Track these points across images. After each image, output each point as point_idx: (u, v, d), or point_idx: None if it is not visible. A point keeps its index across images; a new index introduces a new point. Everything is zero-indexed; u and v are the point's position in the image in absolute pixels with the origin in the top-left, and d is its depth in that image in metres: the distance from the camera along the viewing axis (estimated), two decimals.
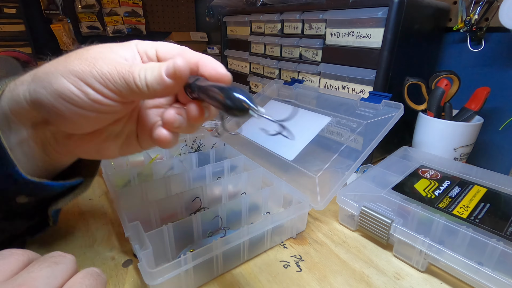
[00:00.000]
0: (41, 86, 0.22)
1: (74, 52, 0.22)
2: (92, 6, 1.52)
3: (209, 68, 0.23)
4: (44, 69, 0.22)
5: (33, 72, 0.23)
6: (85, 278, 0.18)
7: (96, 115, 0.22)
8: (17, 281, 0.16)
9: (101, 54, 0.22)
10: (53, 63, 0.22)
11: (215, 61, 0.24)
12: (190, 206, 0.39)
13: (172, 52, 0.25)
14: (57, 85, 0.21)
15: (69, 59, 0.21)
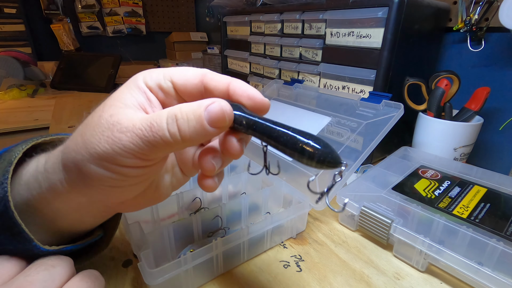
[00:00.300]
0: (76, 177, 0.19)
1: (86, 125, 0.19)
2: (92, 6, 1.52)
3: (244, 96, 0.20)
4: (70, 157, 0.19)
5: (58, 159, 0.20)
6: (82, 281, 0.18)
7: (140, 180, 0.20)
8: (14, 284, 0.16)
9: (114, 120, 0.18)
10: (74, 146, 0.19)
11: (247, 86, 0.20)
12: (190, 206, 0.39)
13: (193, 81, 0.20)
14: (91, 174, 0.18)
15: (87, 139, 0.18)
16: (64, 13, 1.45)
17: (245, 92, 0.19)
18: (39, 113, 0.91)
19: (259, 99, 0.20)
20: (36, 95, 1.12)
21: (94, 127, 0.18)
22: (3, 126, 0.81)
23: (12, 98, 1.06)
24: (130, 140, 0.17)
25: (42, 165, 0.21)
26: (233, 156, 0.20)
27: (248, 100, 0.19)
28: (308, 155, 0.17)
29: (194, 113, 0.17)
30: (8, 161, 0.21)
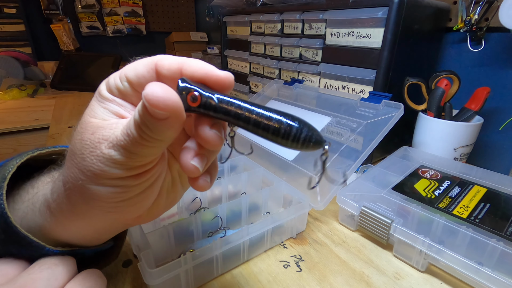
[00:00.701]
0: (85, 206, 0.19)
1: (74, 153, 0.18)
2: (92, 6, 1.52)
3: (199, 73, 0.17)
4: (72, 186, 0.18)
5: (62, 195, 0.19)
6: (85, 280, 0.18)
7: (146, 188, 0.19)
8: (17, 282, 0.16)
9: (97, 137, 0.17)
10: (72, 175, 0.18)
11: (203, 63, 0.18)
12: (190, 206, 0.39)
13: (145, 73, 0.18)
14: (96, 195, 0.18)
15: (80, 163, 0.17)
16: (64, 13, 1.45)
17: (200, 69, 0.17)
18: (39, 113, 0.92)
19: (216, 74, 0.17)
20: (36, 95, 1.12)
21: (82, 151, 0.17)
22: (3, 126, 0.81)
23: (12, 98, 1.06)
24: (118, 153, 0.17)
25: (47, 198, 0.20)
26: (212, 146, 0.18)
27: (205, 77, 0.17)
28: (291, 135, 0.16)
29: (138, 107, 0.16)
30: (2, 177, 0.20)
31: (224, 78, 0.18)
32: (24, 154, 0.22)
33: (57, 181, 0.20)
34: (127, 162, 0.17)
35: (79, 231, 0.20)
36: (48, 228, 0.20)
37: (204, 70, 0.17)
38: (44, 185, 0.21)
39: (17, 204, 0.21)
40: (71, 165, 0.18)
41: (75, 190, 0.18)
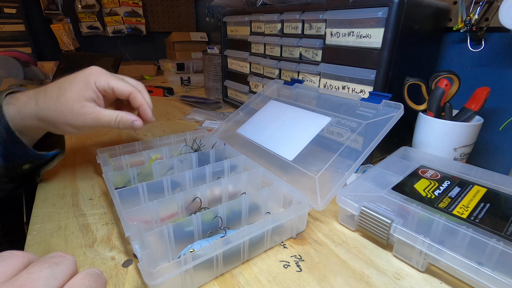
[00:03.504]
0: (51, 126, 0.40)
1: (63, 95, 0.38)
2: (92, 6, 1.52)
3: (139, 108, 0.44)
4: (47, 116, 0.39)
5: (35, 109, 0.39)
6: (85, 279, 0.18)
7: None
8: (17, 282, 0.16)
9: (85, 111, 0.39)
10: (51, 112, 0.38)
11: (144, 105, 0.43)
12: (190, 206, 0.39)
13: (124, 94, 0.42)
14: (66, 129, 0.40)
15: (63, 113, 0.38)
16: (64, 13, 1.45)
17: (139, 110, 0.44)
18: None
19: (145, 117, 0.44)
20: None
21: (72, 112, 0.38)
22: None
23: None
24: (94, 124, 0.40)
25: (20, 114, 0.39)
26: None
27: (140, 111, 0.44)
28: None
29: (129, 122, 0.42)
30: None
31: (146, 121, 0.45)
32: (7, 90, 0.40)
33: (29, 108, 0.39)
34: (94, 127, 0.41)
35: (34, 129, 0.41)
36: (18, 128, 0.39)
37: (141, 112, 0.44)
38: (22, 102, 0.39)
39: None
40: (57, 112, 0.38)
41: (50, 121, 0.39)
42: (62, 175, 0.52)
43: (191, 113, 0.87)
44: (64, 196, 0.46)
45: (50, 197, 0.45)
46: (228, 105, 0.99)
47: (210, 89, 1.10)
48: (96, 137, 0.69)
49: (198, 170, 0.44)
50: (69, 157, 0.59)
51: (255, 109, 0.65)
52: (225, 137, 0.60)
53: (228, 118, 0.66)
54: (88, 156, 0.59)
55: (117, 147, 0.51)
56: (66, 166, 0.55)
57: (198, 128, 0.75)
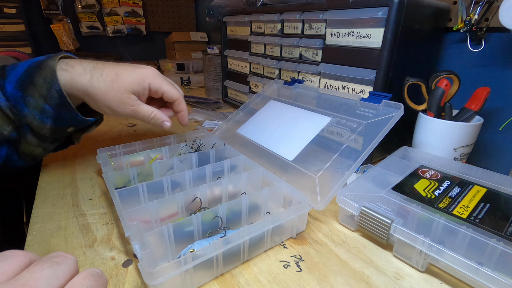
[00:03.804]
0: (93, 102, 0.43)
1: (115, 80, 0.42)
2: (92, 6, 1.52)
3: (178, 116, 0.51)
4: (93, 92, 0.42)
5: (85, 81, 0.41)
6: (86, 279, 0.18)
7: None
8: (19, 281, 0.16)
9: (127, 98, 0.43)
10: (99, 91, 0.42)
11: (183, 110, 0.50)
12: (190, 206, 0.39)
13: (171, 99, 0.48)
14: (105, 110, 0.44)
15: (109, 95, 0.42)
16: (64, 13, 1.45)
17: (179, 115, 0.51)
18: None
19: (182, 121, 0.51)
20: None
21: (118, 99, 0.43)
22: None
23: None
24: (130, 114, 0.45)
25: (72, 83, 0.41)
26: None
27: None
28: None
29: (157, 120, 0.47)
30: (52, 70, 0.39)
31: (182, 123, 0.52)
32: (58, 54, 0.42)
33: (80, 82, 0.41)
34: (131, 117, 0.46)
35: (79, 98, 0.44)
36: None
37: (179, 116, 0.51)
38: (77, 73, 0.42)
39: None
40: (107, 95, 0.42)
41: (95, 99, 0.43)
42: (62, 175, 0.52)
43: (191, 113, 0.87)
44: (64, 196, 0.46)
45: (50, 197, 0.45)
46: (228, 105, 0.99)
47: (210, 89, 1.10)
48: (96, 137, 0.69)
49: (198, 170, 0.44)
50: (69, 157, 0.59)
51: (255, 109, 0.65)
52: (225, 137, 0.60)
53: (228, 118, 0.66)
54: (88, 156, 0.59)
55: (117, 147, 0.51)
56: (66, 166, 0.55)
57: (198, 128, 0.75)
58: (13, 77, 0.40)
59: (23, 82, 0.40)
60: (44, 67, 0.40)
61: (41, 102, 0.40)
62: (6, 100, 0.40)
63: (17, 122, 0.41)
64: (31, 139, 0.43)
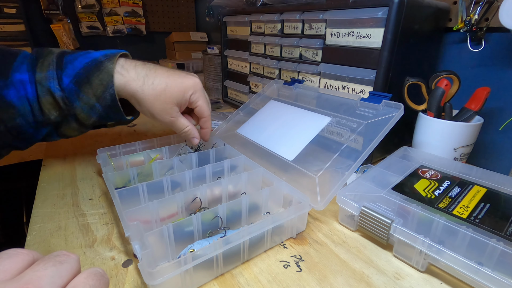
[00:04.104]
0: (138, 106, 0.45)
1: (164, 90, 0.44)
2: (92, 6, 1.52)
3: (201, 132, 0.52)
4: (142, 98, 0.44)
5: (137, 90, 0.43)
6: (88, 278, 0.18)
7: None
8: (23, 279, 0.16)
9: (170, 109, 0.46)
10: (147, 97, 0.43)
11: (207, 127, 0.52)
12: (190, 206, 0.39)
13: (202, 115, 0.50)
14: (149, 114, 0.46)
15: (155, 105, 0.44)
16: (64, 13, 1.45)
17: (202, 131, 0.52)
18: None
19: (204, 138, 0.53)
20: None
21: (161, 108, 0.45)
22: None
23: None
24: (167, 123, 0.47)
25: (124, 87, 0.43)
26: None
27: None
28: None
29: (189, 135, 0.50)
30: (109, 75, 0.41)
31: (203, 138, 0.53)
32: (115, 53, 0.43)
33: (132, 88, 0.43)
34: (164, 124, 0.48)
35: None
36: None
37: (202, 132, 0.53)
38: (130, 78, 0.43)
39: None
40: (155, 104, 0.44)
41: (141, 104, 0.44)
42: (62, 175, 0.52)
43: None
44: (64, 196, 0.46)
45: (50, 197, 0.45)
46: (228, 105, 0.99)
47: (210, 89, 1.10)
48: (96, 137, 0.69)
49: (198, 170, 0.44)
50: (69, 157, 0.59)
51: (255, 109, 0.65)
52: (225, 137, 0.60)
53: (228, 118, 0.66)
54: (88, 156, 0.59)
55: (117, 147, 0.51)
56: (66, 166, 0.55)
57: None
58: (71, 70, 0.42)
59: (80, 79, 0.41)
60: (103, 69, 0.41)
61: (93, 100, 0.42)
62: (61, 91, 0.41)
63: (66, 111, 0.43)
64: (74, 125, 0.46)
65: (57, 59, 0.42)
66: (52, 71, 0.41)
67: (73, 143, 0.66)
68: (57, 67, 0.42)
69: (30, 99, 0.41)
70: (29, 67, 0.41)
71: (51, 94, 0.41)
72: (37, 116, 0.42)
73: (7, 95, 0.40)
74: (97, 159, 0.48)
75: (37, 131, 0.44)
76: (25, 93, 0.40)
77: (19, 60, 0.41)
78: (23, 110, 0.41)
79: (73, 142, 0.66)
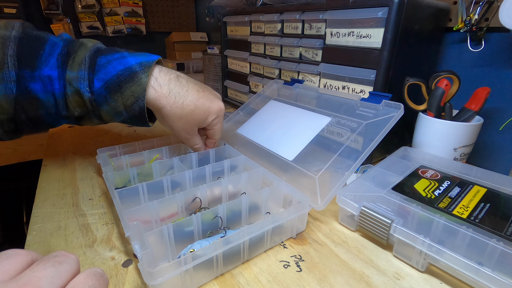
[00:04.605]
0: (162, 120, 0.46)
1: (192, 110, 0.44)
2: (92, 6, 1.52)
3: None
4: (167, 115, 0.44)
5: (165, 106, 0.43)
6: (88, 278, 0.18)
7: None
8: (21, 280, 0.16)
9: (191, 129, 0.47)
10: (174, 116, 0.44)
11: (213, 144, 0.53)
12: (190, 206, 0.39)
13: (213, 139, 0.52)
14: (162, 122, 0.46)
15: (177, 124, 0.45)
16: (64, 13, 1.45)
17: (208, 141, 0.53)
18: None
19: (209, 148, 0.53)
20: None
21: (182, 126, 0.46)
22: None
23: None
24: (182, 138, 0.49)
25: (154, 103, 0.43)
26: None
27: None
28: None
29: (197, 150, 0.51)
30: (142, 88, 0.41)
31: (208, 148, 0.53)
32: (145, 66, 0.42)
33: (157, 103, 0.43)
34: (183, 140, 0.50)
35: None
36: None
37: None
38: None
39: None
40: (171, 123, 0.45)
41: (163, 116, 0.44)
42: (62, 175, 0.52)
43: None
44: (64, 196, 0.46)
45: (50, 197, 0.45)
46: (228, 105, 0.99)
47: None
48: (96, 137, 0.70)
49: (198, 170, 0.44)
50: (69, 157, 0.59)
51: (255, 109, 0.65)
52: (225, 137, 0.60)
53: (228, 118, 0.66)
54: (88, 156, 0.59)
55: (117, 147, 0.51)
56: (66, 166, 0.55)
57: None
58: (103, 75, 0.41)
59: (112, 86, 0.41)
60: (136, 81, 0.41)
61: (121, 108, 0.42)
62: (90, 94, 0.41)
63: (91, 111, 0.43)
64: (96, 121, 0.46)
65: (90, 60, 0.41)
66: (84, 72, 0.40)
67: (73, 143, 0.66)
68: (90, 69, 0.40)
69: (56, 95, 0.40)
70: (59, 63, 0.40)
71: (80, 94, 0.41)
72: (61, 110, 0.42)
73: (33, 89, 0.39)
74: (97, 159, 0.48)
75: (57, 121, 0.44)
76: (51, 89, 0.40)
77: (47, 50, 0.40)
78: (47, 104, 0.41)
79: (73, 142, 0.66)
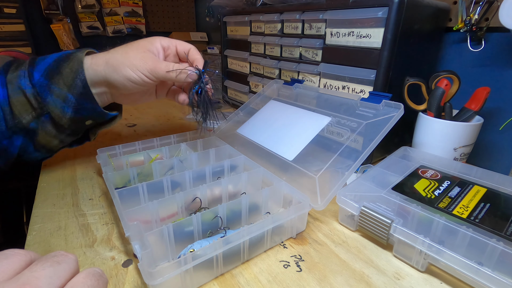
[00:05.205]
0: (114, 72, 0.41)
1: (130, 47, 0.43)
2: (92, 6, 1.52)
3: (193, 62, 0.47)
4: (114, 60, 0.41)
5: (105, 59, 0.42)
6: (87, 278, 0.18)
7: (144, 87, 0.44)
8: (20, 280, 0.16)
9: (145, 54, 0.43)
10: (118, 56, 0.42)
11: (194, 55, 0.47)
12: (190, 206, 0.39)
13: (184, 50, 0.48)
14: (126, 73, 0.41)
15: (129, 55, 0.42)
16: (64, 13, 1.45)
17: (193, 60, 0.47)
18: None
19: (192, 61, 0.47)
20: None
21: (136, 51, 0.43)
22: None
23: None
24: (151, 68, 0.42)
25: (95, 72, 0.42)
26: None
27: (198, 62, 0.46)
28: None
29: (180, 67, 0.43)
30: (79, 61, 0.41)
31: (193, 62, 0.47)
32: (84, 49, 0.43)
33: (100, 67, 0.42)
34: (150, 76, 0.43)
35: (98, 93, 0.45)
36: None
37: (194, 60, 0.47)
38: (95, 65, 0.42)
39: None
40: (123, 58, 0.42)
41: (113, 66, 0.41)
42: (62, 175, 0.52)
43: (190, 113, 0.87)
44: (64, 196, 0.46)
45: (50, 197, 0.45)
46: (228, 105, 0.99)
47: None
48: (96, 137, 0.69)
49: (198, 170, 0.44)
50: (69, 157, 0.59)
51: (255, 109, 0.65)
52: (225, 137, 0.60)
53: (228, 118, 0.66)
54: (88, 156, 0.59)
55: (117, 147, 0.51)
56: (66, 166, 0.55)
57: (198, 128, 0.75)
58: (42, 66, 0.42)
59: (51, 71, 0.41)
60: (73, 58, 0.42)
61: (65, 91, 0.42)
62: (31, 87, 0.41)
63: (39, 110, 0.42)
64: (50, 129, 0.44)
65: (30, 60, 0.43)
66: (24, 70, 0.41)
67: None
68: (29, 66, 0.42)
69: (1, 102, 0.40)
70: (1, 71, 0.41)
71: (22, 92, 0.40)
72: (9, 121, 0.41)
73: None
74: (97, 159, 0.48)
75: (11, 142, 0.43)
76: None
77: None
78: None
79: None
